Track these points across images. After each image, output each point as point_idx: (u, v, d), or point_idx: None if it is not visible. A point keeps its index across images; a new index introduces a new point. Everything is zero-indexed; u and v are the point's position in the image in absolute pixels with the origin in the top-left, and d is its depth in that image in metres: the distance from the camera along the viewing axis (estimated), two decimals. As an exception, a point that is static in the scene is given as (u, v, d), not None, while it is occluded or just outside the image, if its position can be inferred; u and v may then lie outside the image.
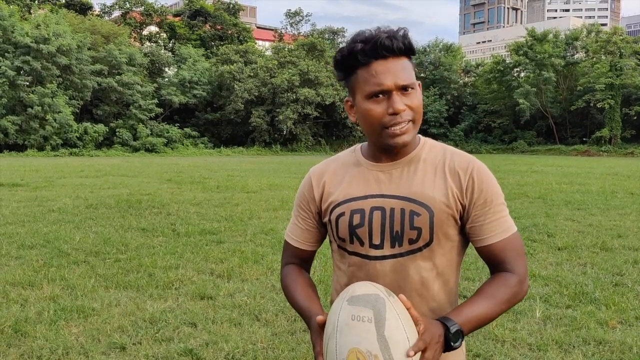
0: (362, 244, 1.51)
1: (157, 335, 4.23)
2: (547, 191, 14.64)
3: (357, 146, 1.63)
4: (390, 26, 1.44)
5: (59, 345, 4.01)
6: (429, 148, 1.54)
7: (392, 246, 1.48)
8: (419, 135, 1.55)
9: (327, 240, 1.70)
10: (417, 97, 1.44)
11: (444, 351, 1.35)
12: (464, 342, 1.46)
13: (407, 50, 1.43)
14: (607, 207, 11.67)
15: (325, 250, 7.16)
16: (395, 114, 1.41)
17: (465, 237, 1.54)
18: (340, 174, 1.59)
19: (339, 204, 1.54)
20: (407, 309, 1.31)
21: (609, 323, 4.52)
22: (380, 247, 1.49)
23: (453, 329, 1.35)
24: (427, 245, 1.48)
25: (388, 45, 1.39)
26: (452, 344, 1.35)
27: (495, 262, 1.50)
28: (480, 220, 1.48)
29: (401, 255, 1.48)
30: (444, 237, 1.49)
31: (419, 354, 1.28)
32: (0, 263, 6.43)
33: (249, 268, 6.23)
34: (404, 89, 1.42)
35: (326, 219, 1.59)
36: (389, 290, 1.34)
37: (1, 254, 6.85)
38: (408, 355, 1.24)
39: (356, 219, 1.51)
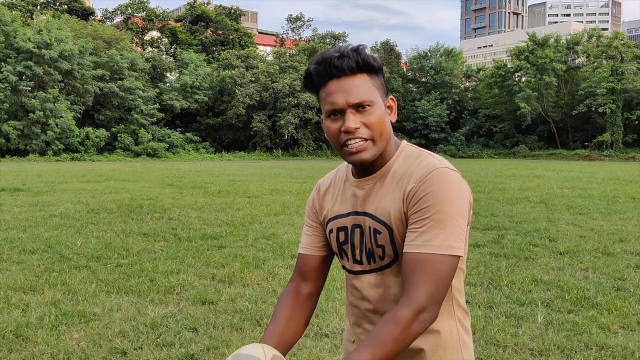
0: (348, 259, 1.54)
1: (158, 340, 4.23)
2: (549, 196, 14.62)
3: None
4: (350, 45, 1.43)
5: (60, 350, 4.01)
6: (403, 158, 1.47)
7: (369, 262, 1.49)
8: (402, 142, 1.51)
9: None
10: (374, 114, 1.39)
11: None
12: (469, 345, 1.50)
13: (361, 67, 1.40)
14: (608, 211, 11.65)
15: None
16: (347, 132, 1.39)
17: None
18: (333, 189, 1.61)
19: (329, 221, 1.57)
20: None
21: (611, 328, 4.51)
22: (360, 262, 1.51)
23: None
24: (394, 261, 1.44)
25: (338, 64, 1.38)
26: None
27: (403, 278, 1.37)
28: (412, 227, 1.37)
29: (376, 270, 1.48)
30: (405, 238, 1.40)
31: None
32: (2, 268, 6.43)
33: (250, 273, 6.23)
34: (358, 106, 1.39)
35: (325, 233, 1.62)
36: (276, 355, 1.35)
37: (3, 259, 6.85)
38: None
39: (341, 236, 1.53)
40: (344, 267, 1.57)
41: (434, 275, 1.31)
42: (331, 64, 1.38)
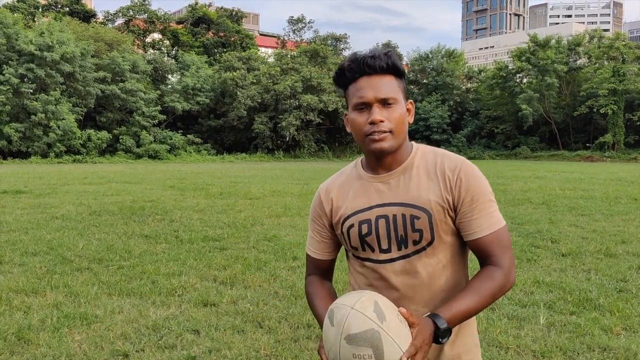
0: (372, 250, 1.66)
1: (160, 342, 4.23)
2: (551, 197, 14.60)
3: (357, 160, 1.79)
4: (381, 48, 1.62)
5: (62, 352, 4.01)
6: (421, 155, 1.68)
7: (399, 249, 1.63)
8: (413, 142, 1.70)
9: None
10: (397, 111, 1.59)
11: (434, 342, 1.50)
12: (475, 321, 1.73)
13: (390, 68, 1.59)
14: (610, 212, 11.63)
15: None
16: (373, 123, 1.57)
17: None
18: (345, 189, 1.73)
19: (347, 217, 1.69)
20: (407, 318, 1.45)
21: (614, 330, 4.50)
22: (388, 251, 1.64)
23: (442, 327, 1.49)
24: (430, 243, 1.62)
25: (371, 63, 1.57)
26: (440, 340, 1.49)
27: (482, 256, 1.62)
28: (468, 216, 1.60)
29: (408, 255, 1.63)
30: (445, 234, 1.63)
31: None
32: (4, 270, 6.43)
33: (252, 275, 6.23)
34: (384, 102, 1.58)
35: (338, 232, 1.73)
36: (380, 313, 1.42)
37: (4, 261, 6.86)
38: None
39: (364, 229, 1.65)
40: (367, 259, 1.68)
41: (508, 244, 1.62)
42: (364, 62, 1.58)
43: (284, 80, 47.48)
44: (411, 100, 1.67)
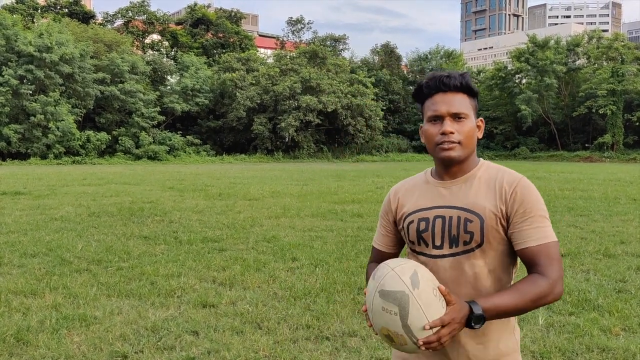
0: (427, 245, 1.84)
1: (159, 343, 4.23)
2: (550, 197, 14.61)
3: (428, 169, 1.98)
4: (458, 71, 1.85)
5: (60, 354, 4.01)
6: (485, 168, 1.86)
7: (450, 247, 1.80)
8: (481, 158, 1.89)
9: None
10: (467, 125, 1.79)
11: (467, 327, 1.64)
12: (518, 330, 1.87)
13: (464, 87, 1.80)
14: (609, 213, 11.64)
15: (328, 259, 7.16)
16: (444, 133, 1.77)
17: None
18: (412, 191, 1.95)
19: (409, 214, 1.89)
20: (444, 295, 1.61)
21: (613, 330, 4.51)
22: (440, 247, 1.82)
23: (477, 313, 1.62)
24: (479, 246, 1.78)
25: (446, 82, 1.79)
26: (472, 324, 1.63)
27: (529, 265, 1.75)
28: (519, 227, 1.75)
29: (457, 254, 1.79)
30: (494, 240, 1.77)
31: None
32: (3, 271, 6.43)
33: (251, 276, 6.23)
34: (456, 116, 1.78)
35: (400, 227, 1.95)
36: (415, 281, 1.61)
37: (3, 263, 6.86)
38: (424, 328, 1.57)
39: (422, 226, 1.85)
40: (421, 253, 1.87)
41: (557, 258, 1.73)
42: (440, 80, 1.80)
43: (283, 81, 47.46)
44: (481, 118, 1.88)
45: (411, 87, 62.60)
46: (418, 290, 1.58)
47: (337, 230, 9.46)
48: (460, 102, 1.79)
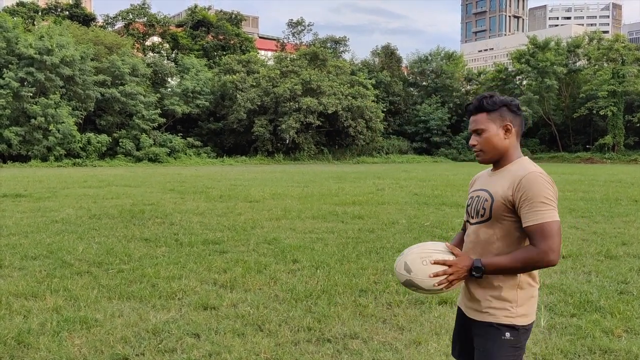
0: (468, 215, 2.52)
1: (160, 346, 4.22)
2: (551, 199, 14.57)
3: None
4: (483, 94, 2.47)
5: (61, 356, 4.01)
6: (517, 165, 2.40)
7: (473, 218, 2.46)
8: (522, 155, 2.44)
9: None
10: (484, 137, 2.42)
11: (469, 275, 2.31)
12: (528, 295, 2.36)
13: (478, 109, 2.44)
14: (611, 214, 11.63)
15: (329, 261, 7.15)
16: (471, 146, 2.48)
17: None
18: (480, 177, 2.62)
19: (470, 193, 2.58)
20: (450, 250, 2.37)
21: (615, 332, 4.50)
22: (471, 217, 2.49)
23: (476, 264, 2.29)
24: (488, 219, 2.38)
25: (470, 108, 2.48)
26: (473, 273, 2.30)
27: (529, 239, 2.29)
28: (521, 211, 2.29)
29: (477, 223, 2.44)
30: (500, 217, 2.34)
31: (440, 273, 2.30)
32: (4, 274, 6.43)
33: (252, 278, 6.22)
34: (475, 132, 2.45)
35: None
36: (407, 268, 2.35)
37: (4, 265, 6.85)
38: (431, 263, 2.31)
39: (469, 201, 2.54)
40: (467, 221, 2.54)
41: (550, 234, 2.22)
42: (467, 107, 2.51)
43: (284, 83, 47.47)
44: (507, 123, 2.41)
45: (412, 89, 62.69)
46: (413, 272, 2.32)
47: (338, 232, 9.45)
48: (478, 121, 2.43)
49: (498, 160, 2.44)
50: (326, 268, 6.70)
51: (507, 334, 2.34)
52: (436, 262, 2.29)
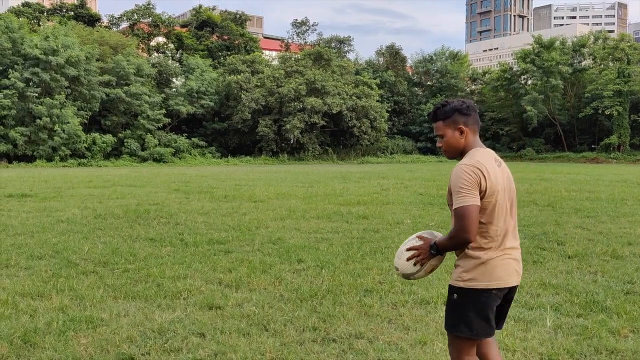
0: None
1: (165, 345, 4.23)
2: (556, 199, 14.56)
3: None
4: (438, 103, 2.98)
5: (67, 356, 4.02)
6: (463, 158, 2.86)
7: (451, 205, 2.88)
8: (475, 148, 2.86)
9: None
10: (445, 140, 2.90)
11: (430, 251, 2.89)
12: (481, 266, 2.78)
13: (435, 117, 2.93)
14: (617, 214, 11.59)
15: (334, 260, 7.14)
16: (438, 147, 2.97)
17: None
18: None
19: None
20: (420, 237, 2.97)
21: (621, 332, 4.48)
22: (451, 204, 2.85)
23: (432, 244, 2.87)
24: (451, 205, 2.80)
25: (430, 117, 2.98)
26: (431, 250, 2.87)
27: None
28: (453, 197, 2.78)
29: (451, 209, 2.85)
30: (451, 204, 2.78)
31: (414, 254, 2.94)
32: (10, 273, 6.45)
33: (257, 278, 6.22)
34: (439, 136, 2.93)
35: None
36: (396, 262, 3.05)
37: (10, 265, 6.87)
38: (407, 249, 2.97)
39: None
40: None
41: (460, 217, 2.68)
42: (428, 116, 3.09)
43: (288, 83, 47.51)
44: (460, 126, 2.85)
45: (416, 89, 62.65)
46: (400, 268, 3.00)
47: (342, 232, 9.45)
48: (438, 128, 2.91)
49: (457, 158, 2.91)
50: (331, 268, 6.69)
51: (455, 295, 2.82)
52: (408, 249, 2.94)
